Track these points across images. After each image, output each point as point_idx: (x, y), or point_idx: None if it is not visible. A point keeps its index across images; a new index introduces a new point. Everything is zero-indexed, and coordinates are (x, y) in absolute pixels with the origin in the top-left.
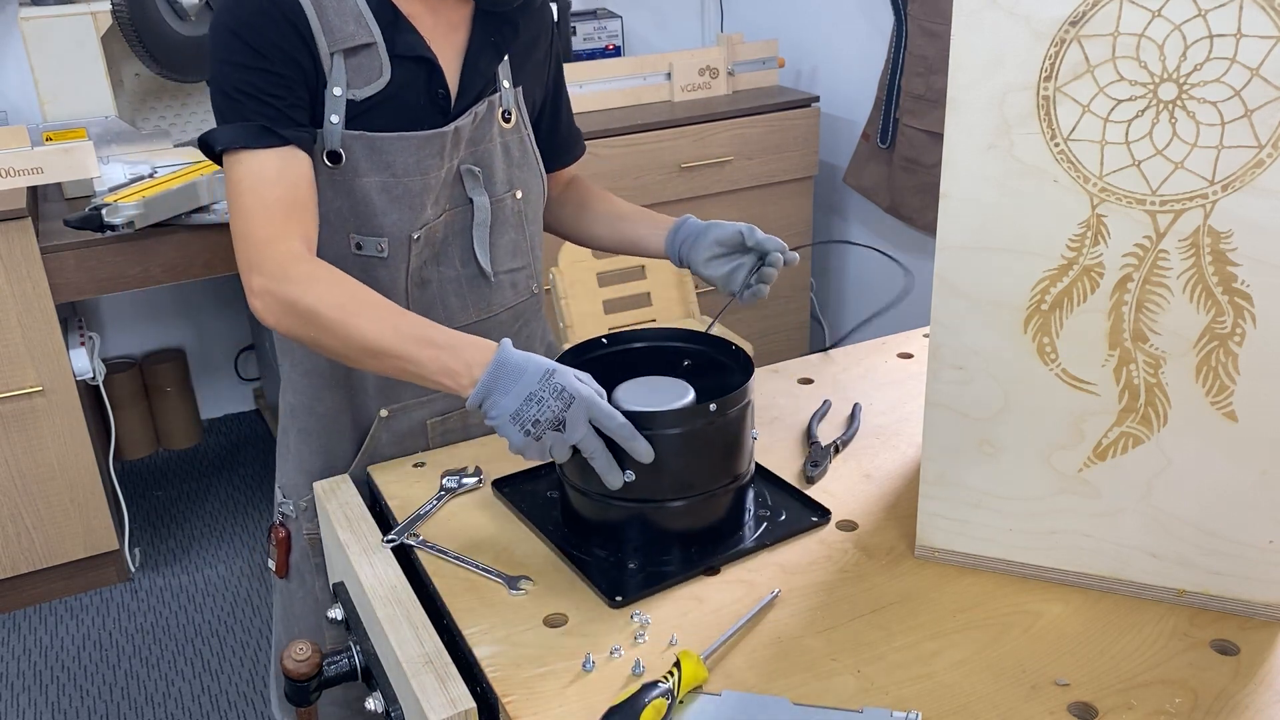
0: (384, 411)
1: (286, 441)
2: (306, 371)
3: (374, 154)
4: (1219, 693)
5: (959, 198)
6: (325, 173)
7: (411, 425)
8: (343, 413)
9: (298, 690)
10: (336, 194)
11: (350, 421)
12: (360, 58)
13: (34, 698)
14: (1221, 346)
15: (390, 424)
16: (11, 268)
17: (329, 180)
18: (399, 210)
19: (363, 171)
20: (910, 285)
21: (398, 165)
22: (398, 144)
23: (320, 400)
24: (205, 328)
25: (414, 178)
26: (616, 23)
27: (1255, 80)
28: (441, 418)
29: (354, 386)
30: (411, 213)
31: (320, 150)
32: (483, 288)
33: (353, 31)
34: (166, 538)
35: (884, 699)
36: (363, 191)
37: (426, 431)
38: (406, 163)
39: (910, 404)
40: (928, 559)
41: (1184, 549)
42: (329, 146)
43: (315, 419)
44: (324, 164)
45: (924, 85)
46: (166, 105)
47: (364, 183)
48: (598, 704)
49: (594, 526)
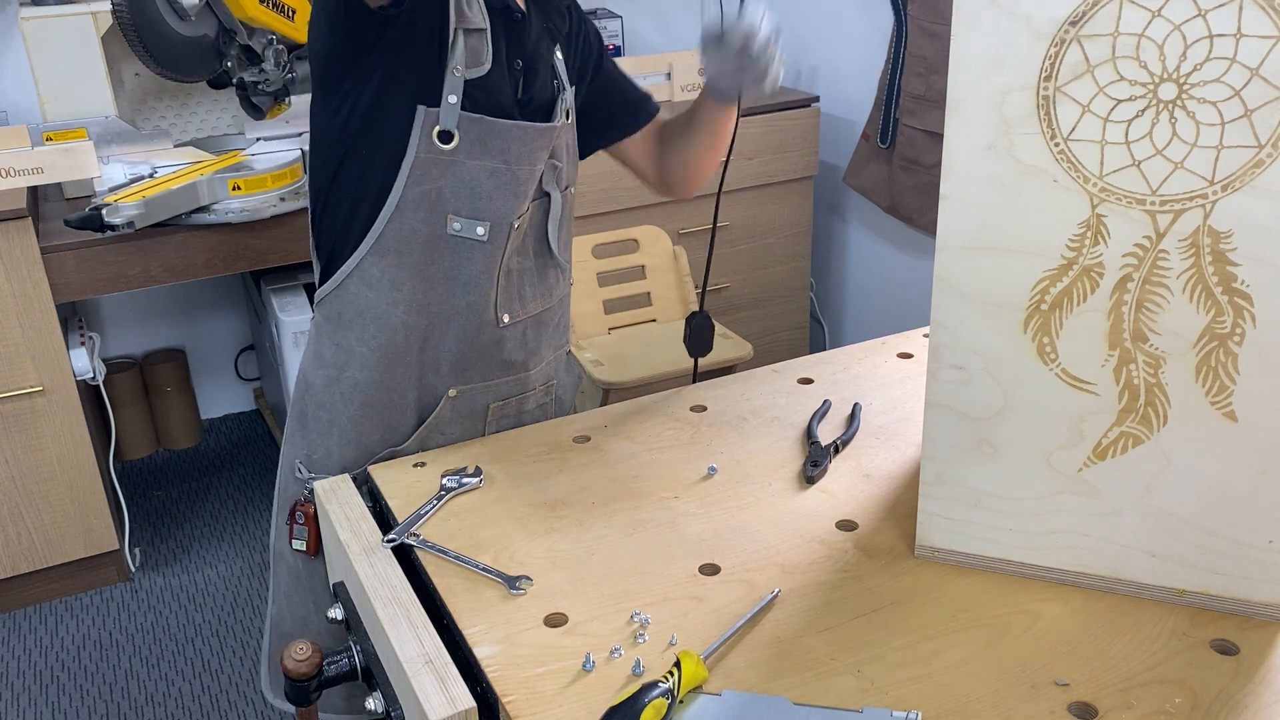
0: (453, 391)
1: (330, 416)
2: (379, 347)
3: (490, 138)
4: (1219, 692)
5: (959, 198)
6: (434, 151)
7: (474, 408)
8: (410, 389)
9: (298, 690)
10: (442, 173)
11: (415, 399)
12: (473, 40)
13: (34, 698)
14: (1221, 346)
15: (456, 403)
16: (11, 268)
17: (435, 160)
18: (504, 196)
19: (475, 154)
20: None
21: (511, 152)
22: (515, 132)
23: (390, 375)
24: (205, 328)
25: (523, 166)
26: (616, 23)
27: (1255, 80)
28: (502, 403)
29: (425, 364)
30: (516, 200)
31: (431, 129)
32: (549, 278)
33: (474, 14)
34: (166, 538)
35: (884, 699)
36: (471, 174)
37: (486, 415)
38: (520, 151)
39: (910, 404)
40: (927, 559)
41: (1183, 549)
42: (442, 125)
43: (382, 393)
44: (434, 142)
45: (924, 85)
46: (166, 105)
47: (474, 165)
48: (598, 704)
49: None
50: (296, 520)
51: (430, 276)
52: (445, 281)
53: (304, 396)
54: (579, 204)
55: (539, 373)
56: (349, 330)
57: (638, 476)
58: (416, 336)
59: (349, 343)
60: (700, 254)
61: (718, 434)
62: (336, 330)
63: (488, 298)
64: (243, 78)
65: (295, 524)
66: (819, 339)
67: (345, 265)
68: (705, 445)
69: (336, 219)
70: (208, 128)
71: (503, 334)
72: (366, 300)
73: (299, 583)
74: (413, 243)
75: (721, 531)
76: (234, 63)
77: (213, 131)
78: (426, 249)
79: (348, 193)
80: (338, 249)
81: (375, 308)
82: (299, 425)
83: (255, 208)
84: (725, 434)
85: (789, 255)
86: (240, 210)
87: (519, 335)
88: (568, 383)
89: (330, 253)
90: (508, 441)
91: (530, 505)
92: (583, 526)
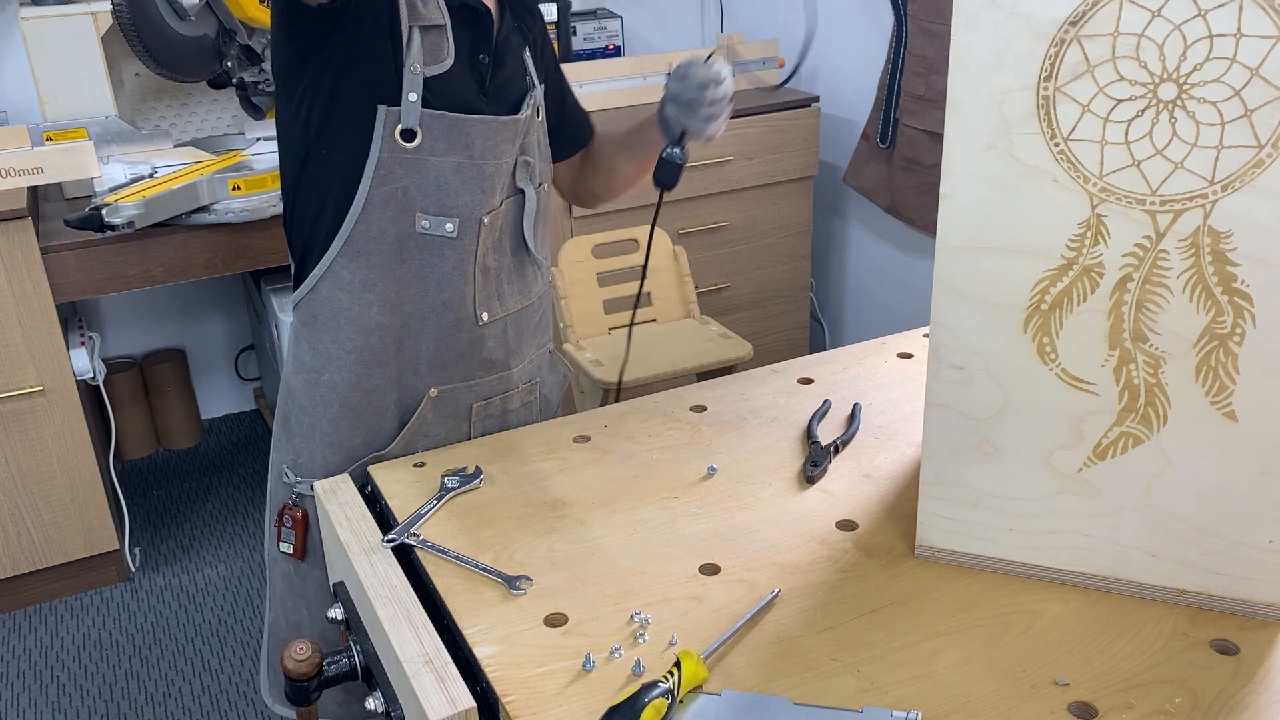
0: (434, 391)
1: (312, 421)
2: (355, 349)
3: (453, 134)
4: (1219, 692)
5: (959, 198)
6: (397, 150)
7: (457, 408)
8: (389, 391)
9: (298, 690)
10: (406, 172)
11: (395, 400)
12: (432, 37)
13: (34, 698)
14: (1221, 346)
15: (438, 404)
16: (11, 268)
17: (399, 159)
18: (472, 192)
19: (439, 151)
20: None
21: (476, 147)
22: (479, 126)
23: (369, 377)
24: (205, 328)
25: (489, 161)
26: (616, 23)
27: (1255, 80)
28: (485, 402)
29: (404, 365)
30: (484, 195)
31: (393, 128)
32: (527, 275)
33: (430, 11)
34: (166, 538)
35: (884, 699)
36: (436, 171)
37: (470, 415)
38: (485, 145)
39: (910, 404)
40: (928, 559)
41: (1183, 549)
42: (404, 124)
43: (361, 395)
44: (397, 141)
45: (924, 85)
46: (166, 105)
47: (439, 162)
48: (598, 704)
49: None
50: (284, 524)
51: (402, 276)
52: (417, 280)
53: (287, 401)
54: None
55: (521, 371)
56: (324, 333)
57: (638, 476)
58: (392, 337)
59: (325, 346)
60: (700, 254)
61: (718, 434)
62: (313, 334)
63: (463, 295)
64: (243, 78)
65: (283, 527)
66: (819, 339)
67: (317, 268)
68: (705, 445)
69: (305, 221)
70: (208, 128)
71: (482, 332)
72: (340, 303)
73: (292, 587)
74: (381, 243)
75: (721, 531)
76: (234, 63)
77: (213, 131)
78: (396, 248)
79: (313, 195)
80: (309, 251)
81: (349, 310)
82: (284, 430)
83: (255, 208)
84: (725, 434)
85: (789, 255)
86: (240, 210)
87: (499, 333)
88: (552, 381)
89: (302, 255)
90: (508, 441)
91: (530, 505)
92: (583, 526)
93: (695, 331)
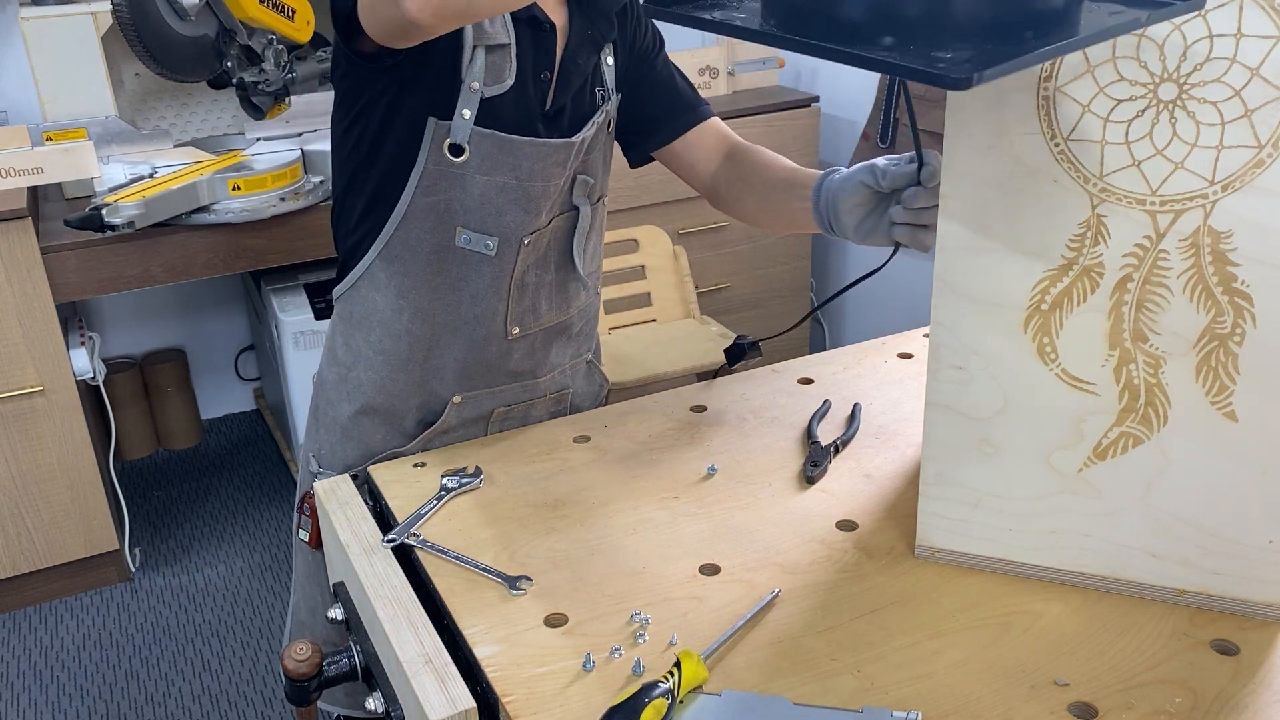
0: (458, 398)
1: (335, 414)
2: (384, 351)
3: (501, 154)
4: (1219, 692)
5: (959, 198)
6: (443, 164)
7: (479, 412)
8: (413, 395)
9: (298, 690)
10: (450, 185)
11: (418, 404)
12: (495, 56)
13: (34, 698)
14: (1221, 346)
15: (461, 409)
16: (11, 268)
17: (444, 171)
18: (515, 212)
19: (485, 170)
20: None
21: (523, 169)
22: (527, 148)
23: (394, 380)
24: (205, 328)
25: (535, 183)
26: None
27: (1255, 80)
28: (507, 408)
29: (430, 372)
30: (527, 216)
31: (441, 141)
32: (570, 290)
33: (496, 29)
34: (166, 538)
35: (884, 699)
36: (481, 189)
37: (490, 418)
38: (533, 168)
39: (910, 404)
40: (928, 559)
41: (1183, 549)
42: (454, 139)
43: (385, 397)
44: (445, 155)
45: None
46: (166, 105)
47: (484, 180)
48: (598, 704)
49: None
50: (304, 511)
51: (436, 286)
52: (451, 292)
53: (319, 391)
54: None
55: (549, 380)
56: (358, 331)
57: (638, 476)
58: (421, 345)
59: (357, 344)
60: (700, 254)
61: (718, 434)
62: (349, 329)
63: (496, 310)
64: (243, 78)
65: (303, 514)
66: (819, 339)
67: (358, 266)
68: (705, 445)
69: (351, 220)
70: (208, 128)
71: (511, 345)
72: (375, 304)
73: (310, 573)
74: (419, 252)
75: (721, 531)
76: (234, 63)
77: (213, 131)
78: (433, 259)
79: (360, 196)
80: (353, 249)
81: (382, 312)
82: (314, 419)
83: (255, 208)
84: (725, 434)
85: (789, 255)
86: (240, 210)
87: (528, 346)
88: (586, 391)
89: (347, 252)
90: (508, 441)
91: (530, 505)
92: (583, 526)
93: (695, 331)
